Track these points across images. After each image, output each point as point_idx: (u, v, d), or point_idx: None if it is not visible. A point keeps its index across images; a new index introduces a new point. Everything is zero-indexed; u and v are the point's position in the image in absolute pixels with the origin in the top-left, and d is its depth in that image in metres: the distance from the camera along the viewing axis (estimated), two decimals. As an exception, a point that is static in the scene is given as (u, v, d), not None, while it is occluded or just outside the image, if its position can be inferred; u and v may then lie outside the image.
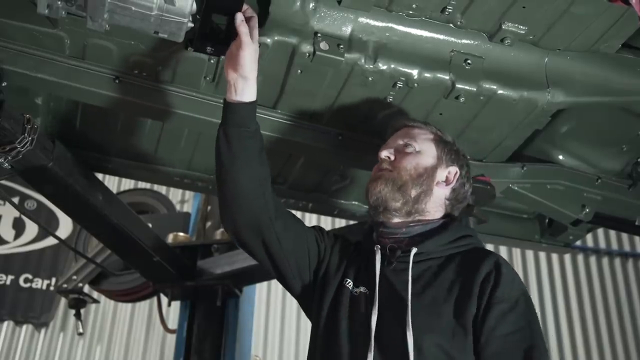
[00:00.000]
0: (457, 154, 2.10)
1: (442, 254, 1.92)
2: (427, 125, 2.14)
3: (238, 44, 1.86)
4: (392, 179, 1.98)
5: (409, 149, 2.03)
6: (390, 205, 1.97)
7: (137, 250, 3.07)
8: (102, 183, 2.77)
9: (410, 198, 1.97)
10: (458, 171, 2.06)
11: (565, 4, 1.93)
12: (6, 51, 2.07)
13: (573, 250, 7.08)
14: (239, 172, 1.90)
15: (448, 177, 2.04)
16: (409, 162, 2.00)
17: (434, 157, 2.04)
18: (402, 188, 1.97)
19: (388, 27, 2.10)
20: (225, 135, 1.90)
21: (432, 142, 2.08)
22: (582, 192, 2.70)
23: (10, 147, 2.13)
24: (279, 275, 2.04)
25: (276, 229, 1.95)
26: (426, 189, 1.99)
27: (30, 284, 7.81)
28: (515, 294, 1.81)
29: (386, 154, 2.04)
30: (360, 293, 1.90)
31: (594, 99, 2.30)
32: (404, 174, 1.98)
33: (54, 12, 1.76)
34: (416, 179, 1.98)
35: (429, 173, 2.01)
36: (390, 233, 1.99)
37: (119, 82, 2.20)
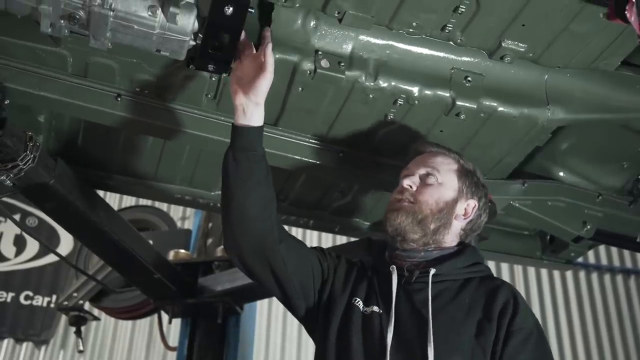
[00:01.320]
0: (477, 186, 2.10)
1: (458, 276, 1.95)
2: (451, 152, 2.14)
3: (260, 71, 1.88)
4: (413, 212, 1.98)
5: (431, 179, 2.03)
6: (409, 237, 1.98)
7: (138, 268, 3.07)
8: (103, 200, 2.77)
9: (429, 231, 1.98)
10: (476, 204, 2.08)
11: (565, 22, 1.95)
12: (9, 69, 2.08)
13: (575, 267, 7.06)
14: (246, 195, 1.91)
15: (467, 210, 2.06)
16: (431, 196, 2.00)
17: (455, 190, 2.05)
18: (422, 222, 1.98)
19: (389, 45, 2.12)
20: (234, 159, 1.90)
21: (455, 173, 2.08)
22: (583, 208, 2.70)
23: (12, 164, 2.14)
24: (284, 297, 2.04)
25: (281, 252, 1.96)
26: (445, 222, 2.01)
27: (31, 301, 7.79)
28: (531, 324, 1.85)
29: (408, 182, 2.04)
30: (372, 312, 1.91)
31: (594, 116, 2.30)
32: (424, 208, 1.99)
33: (57, 30, 1.78)
34: (437, 214, 1.99)
35: (449, 207, 2.02)
36: (407, 256, 2.00)
37: (121, 100, 2.21)
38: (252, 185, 1.91)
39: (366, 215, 3.07)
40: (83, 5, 1.72)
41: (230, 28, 1.84)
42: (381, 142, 2.39)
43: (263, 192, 1.93)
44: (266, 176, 1.94)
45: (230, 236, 1.99)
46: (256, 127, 1.91)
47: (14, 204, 7.15)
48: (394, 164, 2.35)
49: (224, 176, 1.93)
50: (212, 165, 2.64)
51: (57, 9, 1.71)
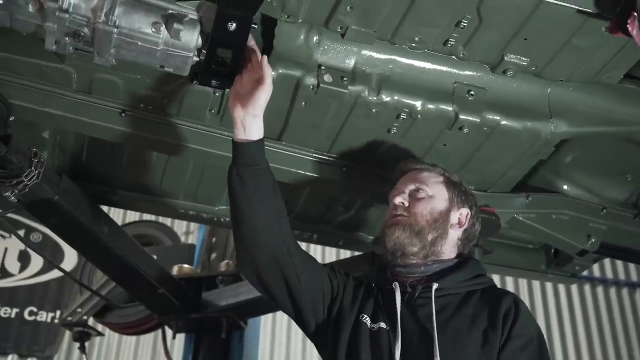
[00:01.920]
0: (466, 195, 2.14)
1: (461, 290, 1.96)
2: (435, 167, 2.18)
3: (258, 84, 1.88)
4: (409, 224, 2.00)
5: (422, 193, 2.06)
6: (409, 250, 1.99)
7: (142, 283, 3.07)
8: (107, 216, 2.78)
9: (427, 242, 2.00)
10: (469, 212, 2.10)
11: (567, 36, 1.95)
12: (14, 86, 2.10)
13: (580, 281, 7.03)
14: (255, 210, 1.91)
15: (460, 220, 2.08)
16: (424, 208, 2.03)
17: (447, 200, 2.08)
18: (420, 233, 2.00)
19: (391, 60, 2.13)
20: (238, 176, 1.91)
21: (443, 184, 2.11)
22: (588, 222, 2.69)
23: (17, 180, 2.14)
24: (296, 312, 2.04)
25: (295, 263, 1.97)
26: (442, 232, 2.03)
27: (35, 317, 7.77)
28: (532, 332, 1.85)
29: (400, 200, 2.06)
30: (380, 329, 1.92)
31: (598, 130, 2.30)
32: (420, 220, 2.01)
33: (62, 48, 1.79)
34: (433, 224, 2.01)
35: (444, 217, 2.04)
36: (408, 273, 2.01)
37: (125, 116, 2.22)
38: (260, 200, 1.91)
39: (370, 229, 3.07)
40: (88, 22, 1.73)
41: (233, 44, 1.85)
42: (385, 157, 2.39)
43: (271, 205, 1.94)
44: (273, 188, 1.95)
45: (244, 252, 1.99)
46: (256, 141, 1.92)
47: (19, 220, 7.15)
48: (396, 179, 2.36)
49: (230, 193, 1.94)
50: (216, 180, 2.65)
51: (62, 27, 1.72)
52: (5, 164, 2.08)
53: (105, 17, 1.72)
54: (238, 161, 1.92)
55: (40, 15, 1.72)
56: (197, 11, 1.82)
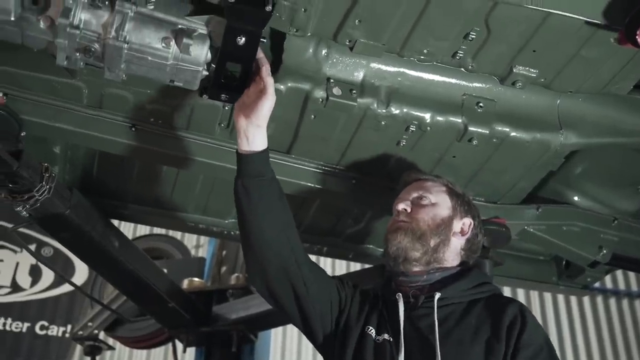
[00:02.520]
0: (469, 205, 2.15)
1: (464, 299, 1.95)
2: (438, 177, 2.19)
3: (261, 94, 1.88)
4: (411, 229, 2.01)
5: (425, 200, 2.07)
6: (410, 255, 1.99)
7: (152, 297, 3.08)
8: (117, 229, 2.79)
9: (429, 248, 2.00)
10: (472, 222, 2.11)
11: (575, 47, 1.95)
12: (25, 102, 2.11)
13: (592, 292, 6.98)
14: (261, 221, 1.92)
15: (463, 229, 2.09)
16: (427, 214, 2.04)
17: (449, 208, 2.08)
18: (422, 238, 2.00)
19: (400, 72, 2.13)
20: (243, 188, 1.91)
21: (446, 193, 2.12)
22: (599, 233, 2.68)
23: (29, 195, 2.16)
24: (304, 322, 2.04)
25: (303, 273, 1.97)
26: (444, 238, 2.03)
27: (46, 331, 7.79)
28: (540, 340, 1.83)
29: (403, 206, 2.07)
30: (384, 340, 1.92)
31: (607, 140, 2.30)
32: (422, 225, 2.01)
33: (73, 63, 1.80)
34: (434, 229, 2.02)
35: (446, 223, 2.05)
36: (410, 281, 2.00)
37: (135, 130, 2.23)
38: (266, 210, 1.92)
39: (380, 241, 3.06)
40: (98, 38, 1.75)
41: (242, 58, 1.86)
42: (394, 169, 2.39)
43: (278, 215, 1.94)
44: (279, 199, 1.95)
45: (252, 262, 2.00)
46: (260, 151, 1.92)
47: (30, 234, 7.20)
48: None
49: (237, 205, 1.94)
50: (226, 193, 2.64)
51: (73, 42, 1.73)
52: (16, 179, 2.09)
53: (115, 33, 1.74)
54: (242, 172, 1.92)
55: (51, 31, 1.73)
56: (206, 25, 1.84)
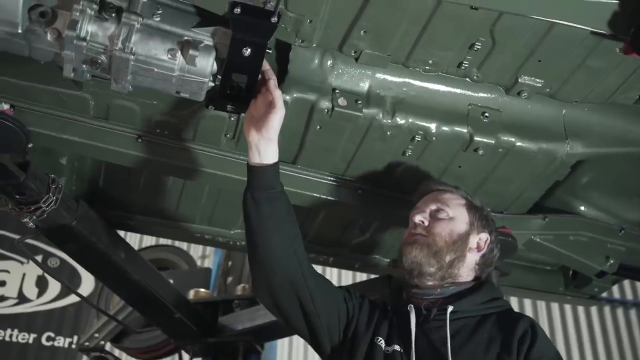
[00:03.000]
0: (487, 220, 2.13)
1: (476, 313, 1.94)
2: (457, 189, 2.17)
3: (270, 107, 1.89)
4: (427, 244, 2.00)
5: (442, 214, 2.05)
6: (425, 270, 1.98)
7: (158, 307, 3.07)
8: (124, 240, 2.79)
9: (444, 263, 1.99)
10: (488, 237, 2.09)
11: (581, 57, 1.95)
12: (33, 113, 2.12)
13: (599, 303, 6.94)
14: (270, 234, 1.92)
15: (479, 244, 2.07)
16: (444, 229, 2.02)
17: (467, 223, 2.07)
18: (438, 254, 1.99)
19: (405, 83, 2.14)
20: (253, 200, 1.91)
21: (464, 207, 2.10)
22: (606, 243, 2.67)
23: (35, 206, 2.16)
24: (311, 334, 2.04)
25: (309, 287, 1.96)
26: (460, 255, 2.02)
27: (53, 342, 7.79)
28: (551, 354, 1.84)
29: (420, 218, 2.05)
30: (394, 351, 1.91)
31: (614, 150, 2.29)
32: (439, 240, 2.00)
33: (79, 75, 1.81)
34: (451, 245, 2.00)
35: (463, 239, 2.03)
36: (424, 294, 2.00)
37: (142, 141, 2.24)
38: (274, 224, 1.92)
39: (386, 252, 3.06)
40: (105, 50, 1.76)
41: (248, 69, 1.87)
42: (400, 179, 2.39)
43: (286, 228, 1.94)
44: (287, 212, 1.95)
45: (258, 275, 2.00)
46: (271, 164, 1.92)
47: (36, 245, 7.21)
48: (413, 200, 2.36)
49: (245, 217, 1.94)
50: (232, 203, 2.66)
51: (80, 54, 1.74)
52: (23, 190, 2.10)
53: (122, 45, 1.75)
54: (253, 185, 1.93)
55: (58, 44, 1.75)
56: (212, 37, 1.85)
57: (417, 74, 2.12)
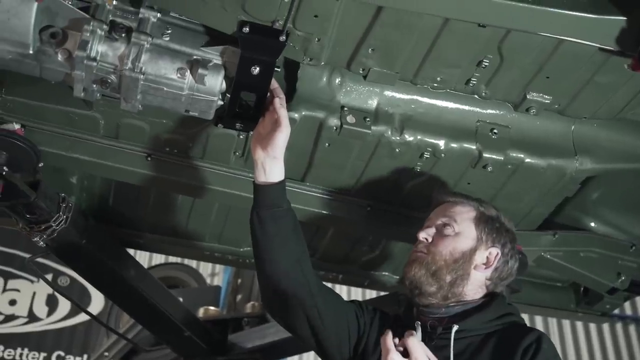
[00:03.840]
0: (499, 232, 2.03)
1: (483, 331, 1.89)
2: (470, 200, 2.08)
3: (275, 126, 1.89)
4: (426, 262, 1.94)
5: (448, 230, 1.98)
6: (425, 290, 1.93)
7: (168, 326, 3.07)
8: (133, 258, 2.80)
9: (445, 283, 1.92)
10: (499, 252, 2.00)
11: (589, 73, 1.95)
12: (43, 133, 2.13)
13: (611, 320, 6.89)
14: (276, 252, 1.92)
15: (489, 259, 1.98)
16: (445, 247, 1.95)
17: (474, 239, 1.98)
18: (436, 273, 1.92)
19: (413, 100, 2.14)
20: (258, 218, 1.92)
21: (473, 221, 2.02)
22: (617, 259, 2.65)
23: (46, 225, 2.18)
24: (320, 350, 2.03)
25: (317, 304, 1.96)
26: (462, 273, 1.94)
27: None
28: None
29: (424, 235, 2.00)
30: None
31: (623, 166, 2.29)
32: (438, 259, 1.93)
33: (90, 94, 1.83)
34: (451, 265, 1.93)
35: (466, 257, 1.95)
36: (430, 312, 1.96)
37: (151, 160, 2.25)
38: (280, 242, 1.92)
39: (395, 268, 3.05)
40: (114, 69, 1.77)
41: (257, 87, 1.88)
42: (409, 195, 2.39)
43: (292, 247, 1.94)
44: (294, 230, 1.95)
45: (266, 292, 2.01)
46: (277, 182, 1.93)
47: (46, 264, 7.23)
48: (422, 217, 2.35)
49: (252, 236, 1.95)
50: (241, 221, 2.65)
51: (90, 74, 1.76)
52: (34, 210, 2.11)
53: (132, 64, 1.76)
54: (259, 203, 1.93)
55: (69, 64, 1.76)
56: (221, 56, 1.86)
57: (425, 91, 2.13)
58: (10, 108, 2.08)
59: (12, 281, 8.07)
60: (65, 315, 8.00)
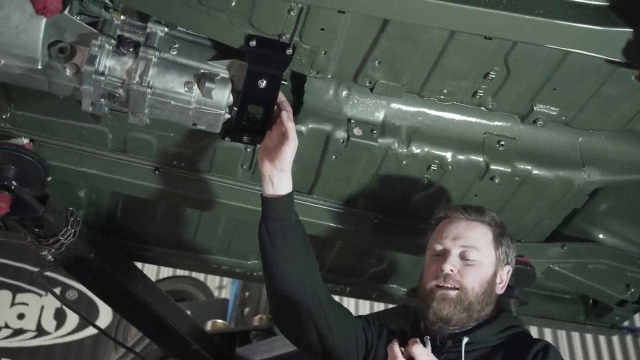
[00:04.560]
0: (509, 248, 2.03)
1: (491, 343, 1.91)
2: (484, 217, 2.03)
3: (283, 138, 1.89)
4: (460, 300, 1.90)
5: (471, 257, 1.94)
6: (453, 321, 1.90)
7: (175, 339, 3.07)
8: (141, 272, 2.80)
9: (475, 314, 1.92)
10: (510, 269, 2.03)
11: (596, 85, 1.95)
12: (51, 147, 2.15)
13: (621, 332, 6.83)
14: (285, 265, 1.92)
15: (502, 278, 2.01)
16: (474, 279, 1.92)
17: (494, 264, 1.98)
18: (470, 307, 1.90)
19: (420, 112, 2.15)
20: (267, 231, 1.92)
21: (492, 244, 1.99)
22: (626, 271, 2.64)
23: (54, 239, 2.18)
24: None
25: (327, 315, 1.96)
26: (489, 299, 1.95)
27: (71, 375, 7.78)
28: None
29: (450, 267, 1.92)
30: None
31: (631, 177, 2.28)
32: (470, 294, 1.90)
33: (98, 109, 1.84)
34: (481, 296, 1.92)
35: (491, 284, 1.96)
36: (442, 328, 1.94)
37: (159, 173, 2.26)
38: (289, 254, 1.92)
39: (403, 281, 3.05)
40: (122, 84, 1.78)
41: (264, 100, 1.89)
42: (416, 208, 2.38)
43: (301, 259, 1.94)
44: (302, 242, 1.95)
45: (275, 305, 2.00)
46: (285, 195, 1.93)
47: (54, 277, 7.23)
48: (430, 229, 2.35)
49: (261, 249, 1.95)
50: (248, 234, 2.66)
51: (98, 89, 1.78)
52: (42, 224, 2.12)
53: (139, 78, 1.78)
54: (267, 216, 1.93)
55: (77, 78, 1.78)
56: (228, 70, 1.87)
57: (432, 104, 2.13)
58: (19, 123, 2.09)
59: (20, 295, 8.07)
60: (74, 329, 8.00)
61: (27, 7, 1.66)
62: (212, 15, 1.74)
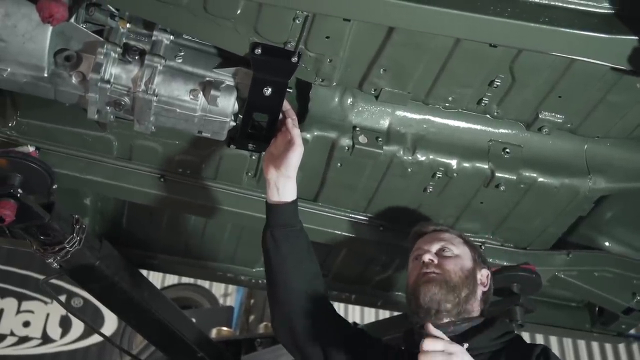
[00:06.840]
0: (484, 257, 2.15)
1: (489, 349, 1.91)
2: (453, 229, 2.18)
3: (288, 145, 1.90)
4: (444, 280, 1.96)
5: (448, 252, 2.04)
6: (443, 307, 1.94)
7: (181, 346, 3.06)
8: (146, 279, 2.80)
9: (461, 299, 1.96)
10: (489, 274, 2.10)
11: (601, 93, 1.95)
12: (57, 155, 2.16)
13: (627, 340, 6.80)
14: (289, 272, 1.92)
15: (482, 280, 2.07)
16: (454, 265, 2.00)
17: (471, 259, 2.06)
18: (455, 289, 1.95)
19: (425, 120, 2.15)
20: (272, 238, 1.92)
21: (465, 244, 2.10)
22: (632, 279, 2.63)
23: (60, 247, 2.18)
24: None
25: (329, 320, 1.96)
26: (472, 289, 2.00)
27: (75, 383, 7.77)
28: None
29: (429, 257, 2.01)
30: None
31: (637, 184, 2.28)
32: (454, 276, 1.97)
33: (103, 116, 1.85)
34: (464, 280, 1.98)
35: (472, 275, 2.02)
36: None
37: (164, 181, 2.26)
38: (294, 261, 1.92)
39: (409, 288, 3.04)
40: (128, 91, 1.79)
41: (269, 108, 1.89)
42: (421, 215, 2.38)
43: (306, 266, 1.94)
44: (307, 250, 1.96)
45: (278, 313, 1.99)
46: (290, 202, 1.93)
47: (60, 285, 7.23)
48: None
49: (265, 256, 1.95)
50: (254, 242, 2.64)
51: (104, 96, 1.78)
52: (48, 231, 2.12)
53: (145, 86, 1.78)
54: (271, 223, 1.93)
55: (83, 86, 1.79)
56: (233, 77, 1.88)
57: (437, 111, 2.13)
58: (25, 130, 2.10)
59: (26, 302, 8.08)
60: (79, 336, 8.00)
61: (33, 15, 1.67)
62: (218, 23, 1.75)
